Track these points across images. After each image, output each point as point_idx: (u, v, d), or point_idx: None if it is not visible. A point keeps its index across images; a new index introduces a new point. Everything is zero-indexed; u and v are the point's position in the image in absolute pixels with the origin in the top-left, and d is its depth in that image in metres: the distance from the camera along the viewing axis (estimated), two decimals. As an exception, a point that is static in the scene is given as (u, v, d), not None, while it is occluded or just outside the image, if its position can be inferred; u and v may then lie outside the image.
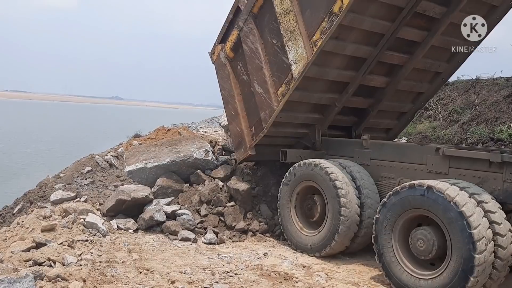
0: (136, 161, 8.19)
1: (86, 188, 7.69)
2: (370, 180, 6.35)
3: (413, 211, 5.09)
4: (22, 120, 56.29)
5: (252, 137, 7.40)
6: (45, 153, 29.43)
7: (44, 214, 6.49)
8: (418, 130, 12.71)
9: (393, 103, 7.71)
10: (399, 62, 6.98)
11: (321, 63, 6.35)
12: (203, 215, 7.26)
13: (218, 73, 8.01)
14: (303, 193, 6.71)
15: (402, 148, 6.51)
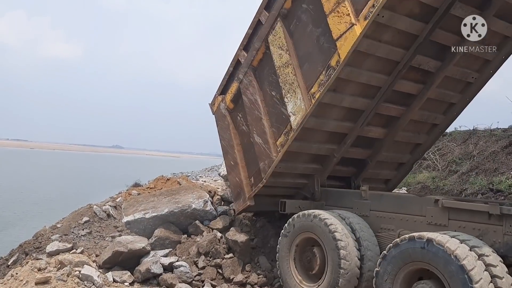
0: (135, 212, 8.14)
1: (83, 239, 7.62)
2: (369, 232, 6.28)
3: (414, 264, 5.01)
4: (21, 169, 56.30)
5: (251, 188, 7.39)
6: (43, 203, 29.25)
7: (39, 266, 6.39)
8: (417, 180, 12.71)
9: (391, 154, 7.75)
10: (396, 114, 7.08)
11: (319, 114, 6.44)
12: (201, 267, 7.14)
13: (218, 123, 8.11)
14: (303, 245, 6.62)
15: (401, 199, 6.49)
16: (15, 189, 35.42)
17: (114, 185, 25.11)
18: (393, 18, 5.63)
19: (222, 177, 10.17)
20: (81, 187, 37.86)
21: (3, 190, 33.91)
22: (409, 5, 5.66)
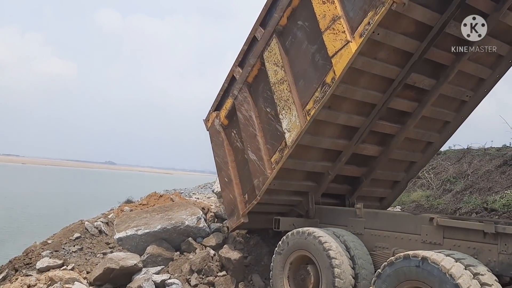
0: (127, 228, 8.05)
1: (74, 255, 7.50)
2: (364, 250, 6.24)
3: (409, 282, 4.96)
4: (12, 185, 55.77)
5: (245, 205, 7.34)
6: (34, 219, 28.92)
7: (29, 282, 6.29)
8: (411, 198, 12.69)
9: (386, 172, 7.74)
10: (391, 131, 7.09)
11: (314, 131, 6.44)
12: (193, 285, 7.05)
13: (212, 139, 8.09)
14: (297, 263, 6.55)
15: (396, 217, 6.46)
16: (6, 205, 35.03)
17: (106, 201, 24.90)
18: (388, 36, 5.67)
19: (216, 193, 10.11)
20: (73, 203, 37.51)
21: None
22: (404, 23, 5.71)
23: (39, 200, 39.76)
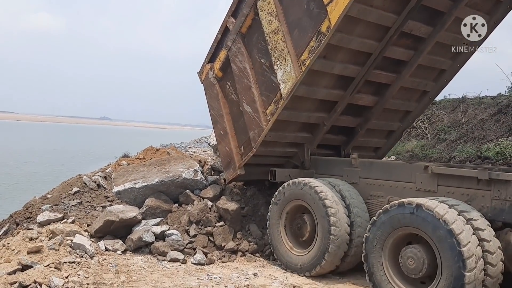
0: (125, 182, 8.12)
1: (74, 209, 7.58)
2: (359, 199, 6.35)
3: (403, 229, 5.09)
4: (9, 142, 55.70)
5: (241, 157, 7.39)
6: (32, 175, 29.08)
7: (31, 235, 6.38)
8: (406, 149, 12.80)
9: (381, 122, 7.77)
10: (387, 81, 7.06)
11: (309, 82, 6.40)
12: (192, 236, 7.19)
13: (206, 92, 8.03)
14: (293, 213, 6.68)
15: (391, 166, 6.53)
16: (3, 162, 35.13)
17: (103, 156, 25.00)
18: (384, -18, 5.54)
19: (212, 147, 10.14)
20: (70, 159, 37.64)
21: (-9, 163, 33.61)
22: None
23: (36, 157, 39.86)
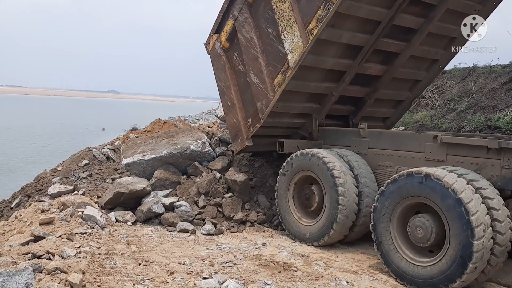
0: (133, 154, 8.17)
1: (84, 181, 7.67)
2: (367, 169, 6.34)
3: (411, 198, 5.09)
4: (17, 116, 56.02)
5: (249, 128, 7.37)
6: (41, 149, 29.33)
7: (42, 207, 6.48)
8: (415, 119, 12.72)
9: (390, 91, 7.69)
10: (396, 49, 6.94)
11: (317, 52, 6.31)
12: (201, 207, 7.25)
13: (213, 63, 7.97)
14: (301, 183, 6.70)
15: (399, 136, 6.49)
16: (12, 136, 35.42)
17: (111, 129, 25.10)
18: None
19: (219, 118, 10.13)
20: (79, 133, 37.87)
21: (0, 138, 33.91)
22: None
23: (45, 131, 40.12)
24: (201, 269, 5.11)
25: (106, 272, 4.81)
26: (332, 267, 5.47)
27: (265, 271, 5.20)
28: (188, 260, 5.39)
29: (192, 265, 5.24)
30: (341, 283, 4.89)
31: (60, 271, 4.30)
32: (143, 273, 4.91)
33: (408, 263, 5.05)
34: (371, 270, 5.45)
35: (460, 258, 4.59)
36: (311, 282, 4.88)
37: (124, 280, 4.65)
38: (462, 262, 4.57)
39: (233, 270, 5.17)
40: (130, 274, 4.84)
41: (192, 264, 5.29)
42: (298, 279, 4.96)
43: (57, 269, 4.30)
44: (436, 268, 4.79)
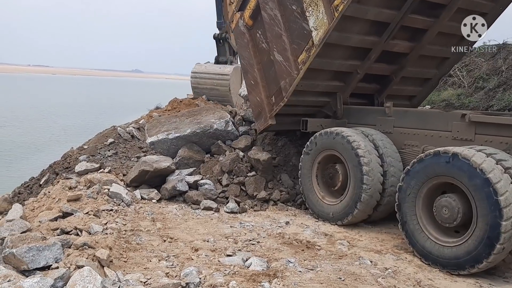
0: (158, 132, 8.24)
1: (110, 159, 7.79)
2: (393, 148, 6.26)
3: (438, 178, 5.01)
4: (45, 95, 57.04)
5: (272, 107, 7.33)
6: (68, 127, 29.88)
7: (70, 184, 6.62)
8: (442, 97, 12.45)
9: (417, 69, 7.51)
10: (424, 26, 6.76)
11: (342, 29, 6.19)
12: (225, 185, 7.30)
13: (237, 41, 7.91)
14: (325, 162, 6.66)
15: (426, 115, 6.37)
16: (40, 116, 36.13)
17: (135, 108, 25.35)
18: None
19: (243, 97, 10.12)
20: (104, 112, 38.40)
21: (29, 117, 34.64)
22: None
23: (71, 110, 40.79)
24: (225, 246, 5.17)
25: (132, 248, 4.91)
26: (355, 246, 5.46)
27: (288, 249, 5.23)
28: (212, 238, 5.46)
29: (216, 243, 5.30)
30: (365, 262, 4.88)
31: (88, 246, 4.40)
32: (168, 249, 5.00)
33: (434, 243, 5.00)
34: (395, 249, 5.42)
35: (487, 239, 4.51)
36: (335, 261, 4.88)
37: (149, 256, 4.75)
38: (489, 243, 4.50)
39: (256, 248, 5.21)
40: (155, 251, 4.93)
41: (216, 241, 5.35)
42: (322, 258, 4.97)
43: (85, 244, 4.41)
44: (462, 249, 4.73)
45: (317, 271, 4.55)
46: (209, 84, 11.21)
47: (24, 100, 48.16)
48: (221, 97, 11.06)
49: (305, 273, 4.47)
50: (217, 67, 11.44)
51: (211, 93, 11.20)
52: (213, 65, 11.74)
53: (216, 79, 11.13)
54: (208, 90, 11.23)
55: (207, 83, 11.21)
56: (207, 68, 11.46)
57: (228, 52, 11.81)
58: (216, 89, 11.12)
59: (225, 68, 11.29)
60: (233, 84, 11.08)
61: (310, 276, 4.39)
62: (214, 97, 11.10)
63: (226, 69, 11.23)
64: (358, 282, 4.32)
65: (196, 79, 11.42)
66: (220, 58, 11.81)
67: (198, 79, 11.37)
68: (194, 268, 4.29)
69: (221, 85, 11.05)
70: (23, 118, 33.87)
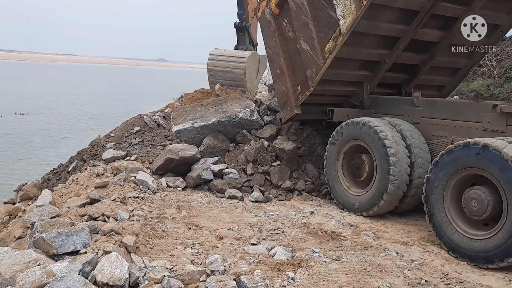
0: (183, 121, 8.29)
1: (136, 147, 7.87)
2: (421, 139, 6.15)
3: (467, 170, 4.90)
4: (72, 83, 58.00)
5: (298, 96, 7.27)
6: (95, 116, 30.36)
7: (97, 172, 6.72)
8: (470, 88, 12.16)
9: (447, 58, 7.34)
10: (455, 14, 6.58)
11: (370, 17, 6.07)
12: (249, 174, 7.31)
13: (263, 30, 7.85)
14: (351, 153, 6.60)
15: (456, 105, 6.23)
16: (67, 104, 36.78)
17: (161, 97, 25.57)
18: None
19: (268, 86, 10.09)
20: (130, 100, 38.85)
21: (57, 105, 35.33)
22: None
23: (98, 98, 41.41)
24: (249, 235, 5.18)
25: (158, 235, 4.97)
26: (381, 238, 5.41)
27: (313, 239, 5.21)
28: (236, 226, 5.48)
29: (240, 231, 5.32)
30: (390, 254, 4.83)
31: (115, 232, 4.47)
32: (193, 237, 5.04)
33: (462, 236, 4.91)
34: (422, 241, 5.35)
35: (518, 233, 4.41)
36: (360, 252, 4.85)
37: (175, 244, 4.80)
38: (520, 237, 4.40)
39: (281, 237, 5.21)
40: (180, 238, 4.98)
41: (240, 230, 5.37)
42: (347, 249, 4.94)
43: (112, 230, 4.48)
44: (492, 242, 4.63)
45: (342, 261, 4.53)
46: (225, 66, 11.12)
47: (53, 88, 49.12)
48: (235, 81, 10.94)
49: (330, 263, 4.45)
50: (235, 51, 11.46)
51: (226, 76, 11.09)
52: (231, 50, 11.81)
53: (233, 61, 11.10)
54: (223, 73, 11.13)
55: (223, 65, 11.14)
56: (225, 51, 11.47)
57: (248, 41, 11.89)
58: (231, 71, 11.03)
59: (243, 52, 11.32)
60: (249, 69, 11.04)
61: (335, 266, 4.37)
62: (228, 80, 11.00)
63: (244, 53, 11.25)
64: (384, 273, 4.28)
65: (212, 61, 11.37)
66: (240, 47, 11.85)
67: (215, 61, 11.33)
68: (219, 256, 4.31)
69: (237, 68, 10.98)
70: (51, 106, 34.58)
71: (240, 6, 11.62)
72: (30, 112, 30.54)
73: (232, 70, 11.01)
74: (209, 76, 11.46)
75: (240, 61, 11.00)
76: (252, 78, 11.26)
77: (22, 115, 29.29)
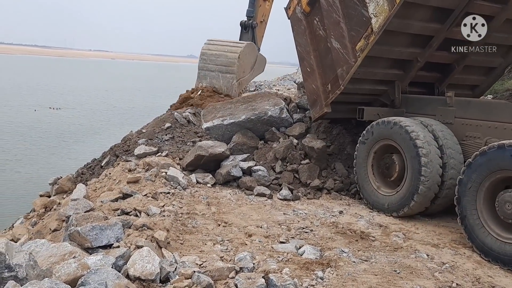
0: (213, 118, 8.37)
1: (167, 143, 8.00)
2: (453, 140, 6.05)
3: (501, 172, 4.81)
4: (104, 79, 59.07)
5: (328, 95, 7.25)
6: (126, 111, 30.88)
7: (129, 167, 6.86)
8: (505, 87, 11.84)
9: (481, 57, 7.18)
10: (490, 12, 6.43)
11: (403, 15, 6.01)
12: (278, 172, 7.33)
13: (293, 28, 7.86)
14: (381, 152, 6.54)
15: (490, 105, 6.11)
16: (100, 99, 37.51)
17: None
18: None
19: (298, 84, 10.07)
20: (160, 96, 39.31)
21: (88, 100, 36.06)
22: None
23: (128, 94, 42.08)
24: (278, 233, 5.21)
25: (188, 231, 5.05)
26: (411, 239, 5.35)
27: (342, 239, 5.20)
28: (265, 224, 5.51)
29: (269, 229, 5.35)
30: (421, 256, 4.78)
31: (146, 227, 4.56)
32: (222, 233, 5.10)
33: (495, 239, 4.82)
34: (453, 244, 5.26)
35: (554, 237, 4.31)
36: (390, 253, 4.81)
37: (204, 240, 4.86)
38: (556, 242, 4.29)
39: (309, 236, 5.22)
40: (210, 234, 5.05)
41: (269, 227, 5.40)
42: (376, 249, 4.91)
43: (144, 225, 4.57)
44: (526, 247, 4.54)
45: (371, 262, 4.51)
46: (220, 50, 11.13)
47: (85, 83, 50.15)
48: (225, 66, 10.90)
49: (359, 263, 4.44)
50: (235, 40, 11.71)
51: (217, 60, 11.04)
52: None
53: (229, 46, 11.22)
54: (215, 57, 11.09)
55: (218, 49, 11.16)
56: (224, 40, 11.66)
57: (251, 40, 12.13)
58: (224, 55, 11.02)
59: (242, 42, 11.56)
60: (243, 56, 11.09)
61: (364, 267, 4.36)
62: (219, 65, 10.96)
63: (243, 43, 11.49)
64: (414, 275, 4.25)
65: (208, 45, 11.40)
66: None
67: (210, 45, 11.40)
68: (248, 253, 4.35)
69: (232, 51, 11.02)
70: (83, 101, 35.35)
71: (252, 4, 12.15)
72: (63, 107, 31.31)
73: (226, 53, 11.04)
74: (200, 60, 11.43)
75: (237, 46, 11.17)
76: (245, 69, 11.29)
77: (55, 110, 30.06)
